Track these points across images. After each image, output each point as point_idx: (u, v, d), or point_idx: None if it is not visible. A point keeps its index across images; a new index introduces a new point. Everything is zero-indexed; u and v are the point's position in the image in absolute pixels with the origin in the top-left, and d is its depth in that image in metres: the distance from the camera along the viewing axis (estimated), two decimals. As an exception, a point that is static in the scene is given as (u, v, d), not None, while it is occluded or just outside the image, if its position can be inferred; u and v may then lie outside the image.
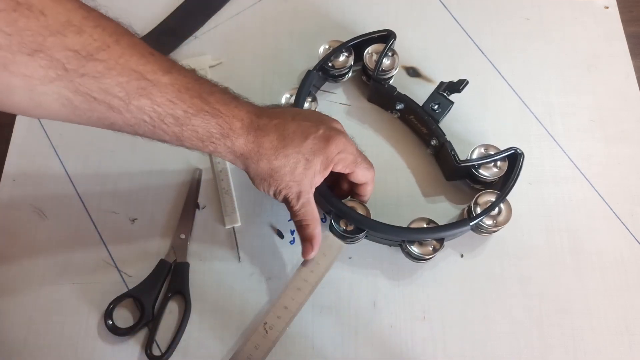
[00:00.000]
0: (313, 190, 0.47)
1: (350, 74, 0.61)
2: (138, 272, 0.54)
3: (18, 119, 0.62)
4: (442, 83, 0.57)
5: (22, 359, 0.51)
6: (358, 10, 0.65)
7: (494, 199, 0.51)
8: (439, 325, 0.52)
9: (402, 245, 0.52)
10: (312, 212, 0.47)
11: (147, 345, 0.50)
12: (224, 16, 0.66)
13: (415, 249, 0.51)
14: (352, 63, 0.59)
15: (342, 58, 0.58)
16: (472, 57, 0.63)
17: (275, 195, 0.46)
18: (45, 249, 0.55)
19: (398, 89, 0.57)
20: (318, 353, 0.51)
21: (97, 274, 0.54)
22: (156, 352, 0.51)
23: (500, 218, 0.51)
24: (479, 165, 0.53)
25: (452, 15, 0.65)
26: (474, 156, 0.53)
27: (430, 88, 0.57)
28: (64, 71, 0.34)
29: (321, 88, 0.62)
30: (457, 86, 0.56)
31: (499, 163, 0.53)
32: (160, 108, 0.39)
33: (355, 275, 0.54)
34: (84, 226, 0.56)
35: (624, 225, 0.55)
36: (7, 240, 0.56)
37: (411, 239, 0.51)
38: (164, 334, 0.52)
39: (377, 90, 0.59)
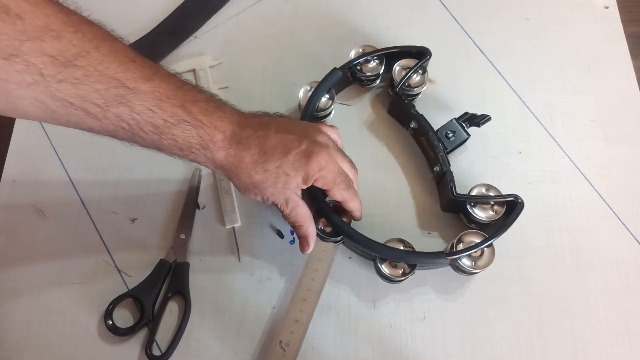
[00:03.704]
0: (299, 193, 0.46)
1: (377, 82, 0.60)
2: (138, 272, 0.54)
3: (18, 119, 0.62)
4: (465, 113, 0.56)
5: (22, 359, 0.51)
6: (358, 11, 0.65)
7: (478, 241, 0.49)
8: (439, 325, 0.52)
9: (374, 262, 0.51)
10: (303, 213, 0.47)
11: (147, 345, 0.50)
12: (224, 16, 0.66)
13: (385, 268, 0.50)
14: (382, 72, 0.58)
15: (372, 64, 0.58)
16: (472, 57, 0.63)
17: (264, 201, 0.46)
18: (45, 249, 0.55)
19: (422, 109, 0.56)
20: (318, 353, 0.51)
21: (97, 274, 0.54)
22: (156, 352, 0.51)
23: (480, 262, 0.49)
24: (475, 204, 0.51)
25: (452, 15, 0.65)
26: (473, 194, 0.52)
27: (455, 116, 0.56)
28: (41, 77, 0.33)
29: (343, 92, 0.61)
30: (478, 120, 0.54)
31: (496, 207, 0.51)
32: (139, 116, 0.38)
33: (355, 275, 0.54)
34: (84, 226, 0.56)
35: (624, 225, 0.55)
36: (7, 240, 0.56)
37: (383, 257, 0.50)
38: (164, 334, 0.52)
39: (395, 104, 0.58)
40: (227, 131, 0.42)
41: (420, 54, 0.58)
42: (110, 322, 0.51)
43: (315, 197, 0.50)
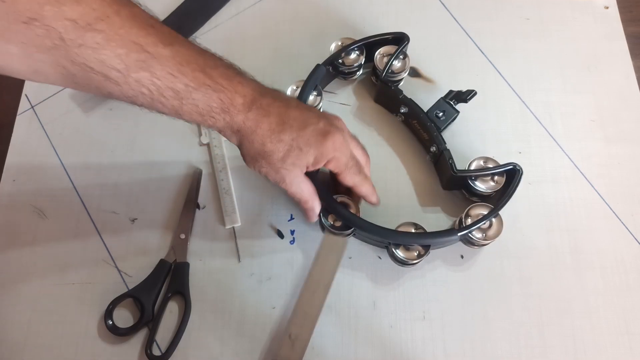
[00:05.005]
0: (304, 171, 0.46)
1: (360, 72, 0.61)
2: (138, 272, 0.54)
3: (18, 118, 0.62)
4: (450, 91, 0.57)
5: (22, 359, 0.51)
6: (358, 11, 0.65)
7: (485, 212, 0.50)
8: (439, 325, 0.52)
9: (388, 248, 0.52)
10: (307, 189, 0.47)
11: (147, 345, 0.50)
12: (224, 16, 0.66)
13: (400, 253, 0.50)
14: (363, 62, 0.59)
15: (352, 56, 0.58)
16: (472, 57, 0.63)
17: (266, 177, 0.46)
18: (45, 249, 0.55)
19: (407, 93, 0.57)
20: (318, 353, 0.51)
21: (97, 274, 0.54)
22: (156, 352, 0.51)
23: (490, 232, 0.51)
24: (476, 177, 0.52)
25: (452, 15, 0.65)
26: (472, 168, 0.53)
27: (439, 94, 0.57)
28: (61, 41, 0.33)
29: (327, 87, 0.62)
30: (464, 96, 0.55)
31: (496, 177, 0.52)
32: (160, 81, 0.38)
33: (355, 275, 0.54)
34: (84, 226, 0.56)
35: (624, 225, 0.55)
36: (7, 240, 0.56)
37: (397, 242, 0.50)
38: (164, 334, 0.52)
39: (383, 92, 0.59)
40: (247, 95, 0.42)
41: (398, 40, 0.58)
42: (110, 322, 0.51)
43: (320, 192, 0.49)
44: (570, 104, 0.60)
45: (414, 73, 0.62)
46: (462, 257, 0.54)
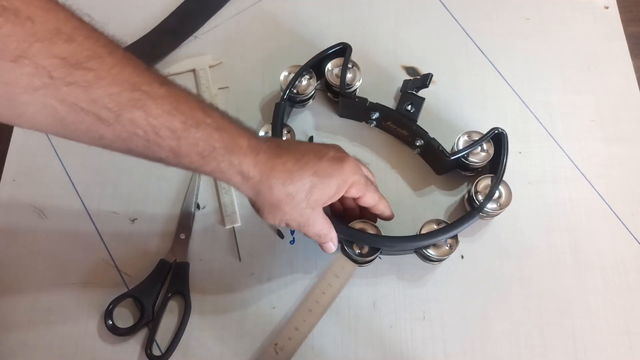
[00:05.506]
0: (322, 205, 0.45)
1: (314, 93, 0.60)
2: (138, 272, 0.54)
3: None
4: (406, 81, 0.57)
5: (22, 359, 0.51)
6: (358, 11, 0.65)
7: (490, 183, 0.51)
8: (439, 325, 0.52)
9: (417, 252, 0.52)
10: (325, 225, 0.46)
11: (147, 345, 0.50)
12: (224, 16, 0.66)
13: (432, 252, 0.50)
14: (316, 84, 0.58)
15: (304, 82, 0.57)
16: (472, 57, 0.63)
17: (287, 225, 0.44)
18: (45, 249, 0.55)
19: (365, 96, 0.56)
20: (318, 353, 0.51)
21: (97, 274, 0.54)
22: (156, 352, 0.51)
23: (503, 200, 0.52)
24: (468, 154, 0.53)
25: (452, 15, 0.65)
26: (460, 145, 0.53)
27: (390, 86, 0.57)
28: (50, 79, 0.32)
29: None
30: (424, 81, 0.56)
31: (485, 147, 0.53)
32: (156, 120, 0.36)
33: (356, 275, 0.54)
34: (84, 226, 0.56)
35: (624, 225, 0.55)
36: (7, 240, 0.56)
37: (426, 245, 0.50)
38: (164, 334, 0.52)
39: (348, 105, 0.58)
40: (251, 139, 0.40)
41: (342, 52, 0.57)
42: (110, 322, 0.51)
43: (337, 227, 0.48)
44: (570, 104, 0.60)
45: (414, 73, 0.62)
46: (462, 257, 0.54)
